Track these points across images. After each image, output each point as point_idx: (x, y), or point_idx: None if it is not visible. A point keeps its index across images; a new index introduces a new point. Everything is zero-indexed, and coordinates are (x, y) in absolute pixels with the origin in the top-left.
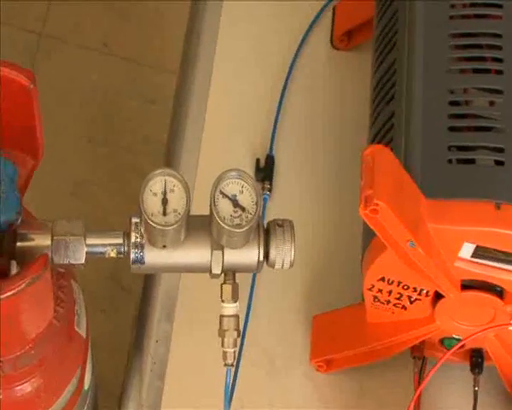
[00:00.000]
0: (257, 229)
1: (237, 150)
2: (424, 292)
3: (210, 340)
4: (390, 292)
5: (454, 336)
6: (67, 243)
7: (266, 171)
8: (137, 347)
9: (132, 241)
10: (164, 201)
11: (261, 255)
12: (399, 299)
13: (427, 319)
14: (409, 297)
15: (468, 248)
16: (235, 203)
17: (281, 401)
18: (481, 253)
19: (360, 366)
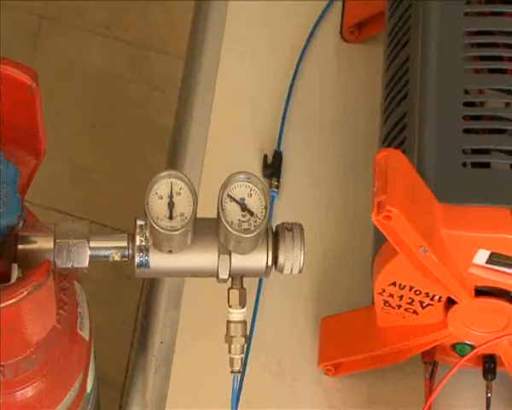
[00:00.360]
0: (265, 233)
1: (244, 146)
2: (436, 298)
3: (215, 340)
4: (401, 297)
5: (466, 341)
6: (70, 246)
7: (274, 167)
8: (141, 348)
9: (137, 244)
10: (170, 204)
11: (270, 260)
12: (411, 304)
13: (439, 325)
14: (421, 302)
15: (483, 254)
16: (243, 207)
17: (289, 405)
18: (496, 259)
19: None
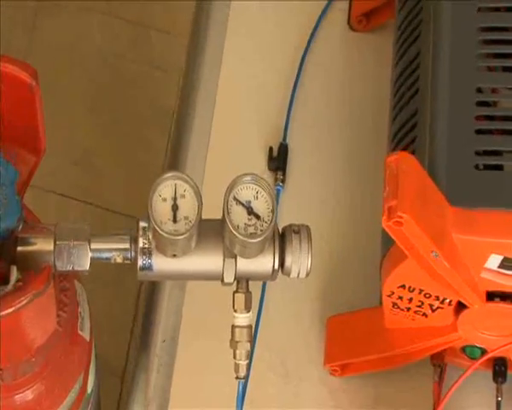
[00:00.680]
0: (272, 236)
1: (249, 138)
2: (447, 301)
3: (218, 339)
4: (410, 299)
5: (476, 344)
6: (71, 249)
7: (279, 160)
8: (144, 347)
9: (140, 246)
10: (174, 207)
11: (276, 264)
12: (420, 307)
13: (448, 328)
14: (430, 305)
15: (495, 259)
16: (249, 211)
17: (293, 406)
18: (509, 264)
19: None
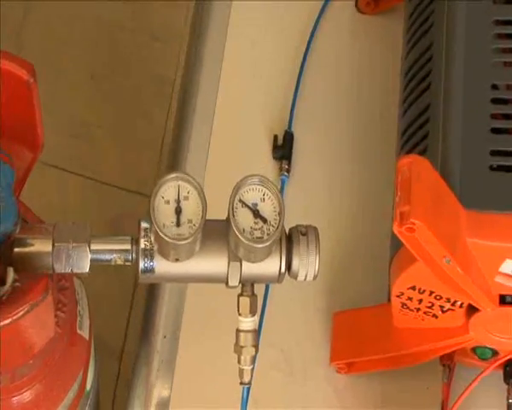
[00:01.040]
0: (279, 238)
1: (253, 125)
2: (458, 303)
3: (220, 337)
4: (420, 301)
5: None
6: (70, 250)
7: (285, 149)
8: (144, 343)
9: (141, 248)
10: (177, 210)
11: (283, 267)
12: (431, 308)
13: (459, 329)
14: (441, 307)
15: (511, 263)
16: (255, 214)
17: (298, 404)
18: None
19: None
